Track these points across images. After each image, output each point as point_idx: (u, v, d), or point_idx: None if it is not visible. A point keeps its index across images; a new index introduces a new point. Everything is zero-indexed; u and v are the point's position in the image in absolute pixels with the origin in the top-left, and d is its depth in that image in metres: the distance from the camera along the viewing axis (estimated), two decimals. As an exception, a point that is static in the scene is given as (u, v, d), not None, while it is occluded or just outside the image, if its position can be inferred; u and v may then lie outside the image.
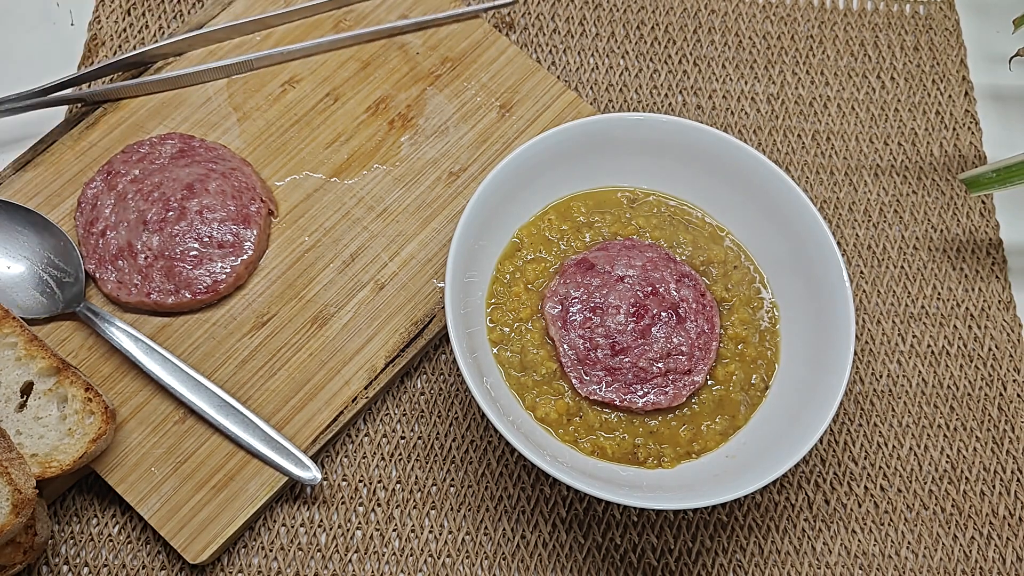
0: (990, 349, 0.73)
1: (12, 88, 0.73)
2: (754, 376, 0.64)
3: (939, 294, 0.75)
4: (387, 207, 0.72)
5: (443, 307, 0.62)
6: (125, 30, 0.80)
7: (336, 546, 0.64)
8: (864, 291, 0.74)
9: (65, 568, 0.63)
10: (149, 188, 0.68)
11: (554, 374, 0.63)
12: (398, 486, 0.66)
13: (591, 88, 0.80)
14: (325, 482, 0.66)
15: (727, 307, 0.66)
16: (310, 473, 0.62)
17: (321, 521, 0.65)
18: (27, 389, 0.61)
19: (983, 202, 0.78)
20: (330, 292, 0.69)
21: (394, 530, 0.65)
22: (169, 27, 0.80)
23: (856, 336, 0.65)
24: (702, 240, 0.68)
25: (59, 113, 0.76)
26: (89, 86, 0.76)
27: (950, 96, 0.82)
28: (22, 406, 0.61)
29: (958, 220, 0.78)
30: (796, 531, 0.67)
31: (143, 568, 0.63)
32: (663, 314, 0.63)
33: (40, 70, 0.77)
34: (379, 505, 0.66)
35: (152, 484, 0.63)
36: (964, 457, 0.69)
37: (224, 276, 0.67)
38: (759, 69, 0.82)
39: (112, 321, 0.65)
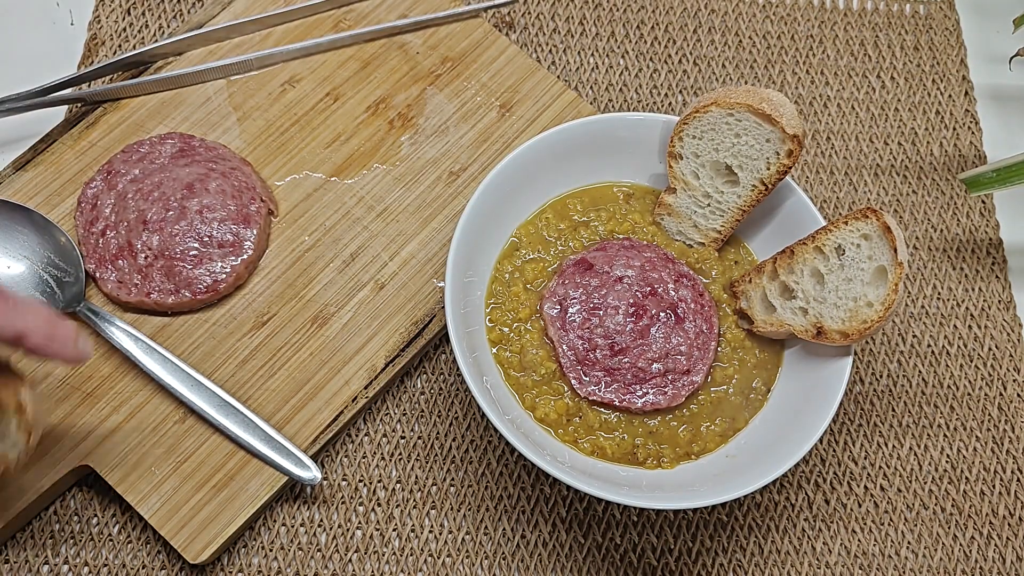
0: (990, 349, 0.73)
1: (12, 88, 0.73)
2: (756, 380, 0.64)
3: (939, 294, 0.75)
4: (387, 207, 0.72)
5: (443, 307, 0.62)
6: (125, 30, 0.80)
7: (336, 546, 0.64)
8: (864, 291, 0.74)
9: (65, 568, 0.63)
10: (149, 188, 0.68)
11: (553, 374, 0.63)
12: (398, 486, 0.66)
13: (591, 88, 0.80)
14: (325, 482, 0.66)
15: (726, 307, 0.66)
16: (310, 473, 0.62)
17: (321, 521, 0.65)
18: None
19: (983, 202, 0.78)
20: (330, 292, 0.69)
21: (394, 530, 0.65)
22: (169, 27, 0.80)
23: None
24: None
25: (59, 113, 0.75)
26: (89, 86, 0.76)
27: (950, 96, 0.82)
28: None
29: (958, 220, 0.77)
30: (796, 531, 0.66)
31: (143, 568, 0.63)
32: (662, 314, 0.63)
33: (40, 70, 0.77)
34: (379, 505, 0.66)
35: (152, 484, 0.63)
36: (964, 457, 0.69)
37: (224, 276, 0.67)
38: (759, 69, 0.82)
39: (112, 321, 0.65)
